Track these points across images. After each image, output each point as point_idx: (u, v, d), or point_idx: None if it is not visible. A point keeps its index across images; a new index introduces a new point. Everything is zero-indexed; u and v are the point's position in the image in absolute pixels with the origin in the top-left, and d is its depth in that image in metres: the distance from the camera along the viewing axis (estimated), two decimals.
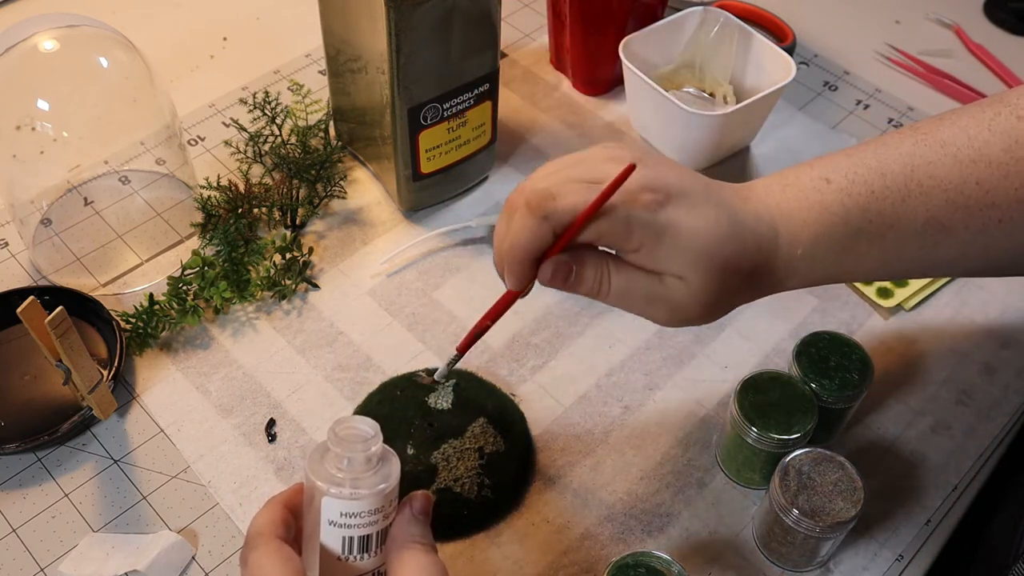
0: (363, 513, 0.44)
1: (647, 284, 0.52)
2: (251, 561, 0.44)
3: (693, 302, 0.52)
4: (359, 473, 0.44)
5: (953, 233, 0.54)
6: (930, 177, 0.53)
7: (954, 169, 0.53)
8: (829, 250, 0.54)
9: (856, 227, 0.53)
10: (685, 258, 0.51)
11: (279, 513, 0.46)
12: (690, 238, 0.50)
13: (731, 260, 0.52)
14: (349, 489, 0.43)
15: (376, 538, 0.45)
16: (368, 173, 0.86)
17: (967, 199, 0.53)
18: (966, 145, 0.54)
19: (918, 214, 0.53)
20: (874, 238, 0.54)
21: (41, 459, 0.68)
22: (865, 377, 0.65)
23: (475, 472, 0.65)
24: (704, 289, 0.51)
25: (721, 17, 0.87)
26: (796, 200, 0.54)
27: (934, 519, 0.66)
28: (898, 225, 0.54)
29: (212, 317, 0.75)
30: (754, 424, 0.62)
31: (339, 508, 0.43)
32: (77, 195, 0.83)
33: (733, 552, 0.64)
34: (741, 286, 0.53)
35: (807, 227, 0.54)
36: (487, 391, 0.70)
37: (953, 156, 0.54)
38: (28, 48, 0.71)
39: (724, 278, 0.52)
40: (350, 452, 0.44)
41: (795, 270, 0.54)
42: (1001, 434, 0.71)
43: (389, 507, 0.45)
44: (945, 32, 1.03)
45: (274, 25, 1.01)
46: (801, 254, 0.54)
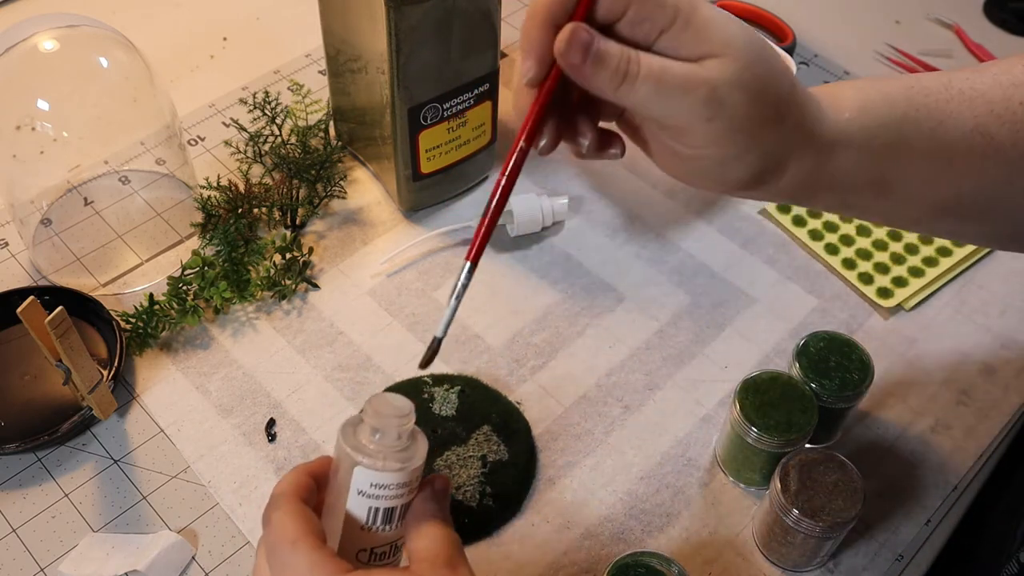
0: (392, 486, 0.45)
1: (683, 69, 0.44)
2: (274, 520, 0.45)
3: (734, 88, 0.44)
4: (392, 447, 0.45)
5: (1002, 149, 0.51)
6: (971, 88, 0.52)
7: (995, 88, 0.52)
8: (879, 127, 0.50)
9: (902, 111, 0.50)
10: (724, 33, 0.44)
11: (304, 479, 0.47)
12: (725, 19, 0.45)
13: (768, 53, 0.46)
14: (382, 461, 0.44)
15: (399, 512, 0.46)
16: (368, 173, 0.86)
17: (1013, 115, 0.51)
18: (1001, 72, 0.52)
19: (965, 118, 0.51)
20: (923, 130, 0.51)
21: (41, 459, 0.68)
22: (865, 377, 0.65)
23: (477, 480, 0.65)
24: (745, 69, 0.44)
25: None
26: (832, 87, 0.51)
27: (934, 519, 0.66)
28: (946, 122, 0.51)
29: (212, 317, 0.75)
30: (754, 424, 0.62)
31: (370, 479, 0.44)
32: (77, 195, 0.83)
33: (733, 552, 0.64)
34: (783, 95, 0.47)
35: (849, 100, 0.50)
36: (492, 398, 0.70)
37: (992, 78, 0.52)
38: (28, 48, 0.71)
39: (765, 69, 0.46)
40: (386, 426, 0.45)
41: (847, 136, 0.49)
42: (1001, 434, 0.71)
43: (415, 483, 0.46)
44: (945, 32, 1.03)
45: (274, 25, 1.01)
46: (849, 118, 0.49)
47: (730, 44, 0.44)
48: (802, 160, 0.49)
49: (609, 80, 0.44)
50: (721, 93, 0.44)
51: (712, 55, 0.44)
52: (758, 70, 0.45)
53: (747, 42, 0.45)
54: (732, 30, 0.45)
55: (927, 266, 0.80)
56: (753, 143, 0.46)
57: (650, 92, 0.44)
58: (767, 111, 0.46)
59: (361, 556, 0.46)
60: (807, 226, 0.82)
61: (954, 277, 0.80)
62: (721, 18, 0.45)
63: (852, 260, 0.80)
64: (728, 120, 0.45)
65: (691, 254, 0.81)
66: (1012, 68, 0.53)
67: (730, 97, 0.44)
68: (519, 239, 0.81)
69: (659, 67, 0.44)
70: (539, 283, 0.79)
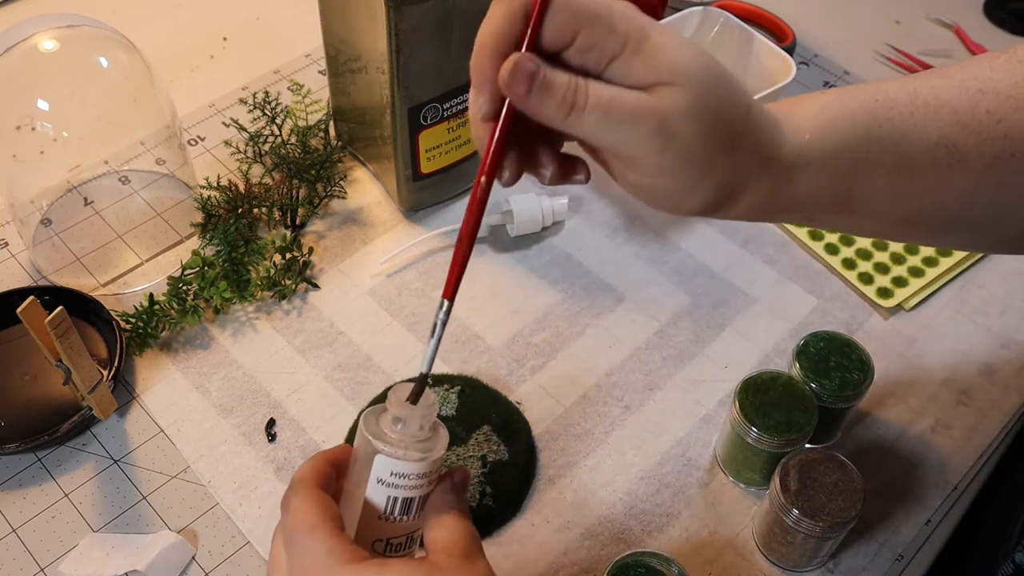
0: (412, 475, 0.45)
1: (632, 97, 0.43)
2: (293, 505, 0.45)
3: (686, 116, 0.43)
4: (413, 437, 0.45)
5: (967, 159, 0.50)
6: (936, 98, 0.51)
7: (962, 95, 0.51)
8: (841, 146, 0.49)
9: (865, 127, 0.49)
10: (675, 59, 0.43)
11: (323, 466, 0.47)
12: (678, 44, 0.44)
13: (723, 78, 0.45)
14: (403, 451, 0.45)
15: (417, 503, 0.46)
16: (368, 173, 0.86)
17: (979, 124, 0.50)
18: (969, 77, 0.51)
19: (929, 130, 0.50)
20: (886, 146, 0.49)
21: (41, 459, 0.68)
22: (865, 377, 0.65)
23: (477, 480, 0.65)
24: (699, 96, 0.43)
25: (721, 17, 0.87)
26: (796, 103, 0.50)
27: (934, 519, 0.66)
28: (909, 136, 0.50)
29: (212, 317, 0.75)
30: (754, 424, 0.62)
31: (390, 468, 0.45)
32: (77, 195, 0.83)
33: (733, 552, 0.64)
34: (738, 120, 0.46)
35: (811, 120, 0.49)
36: (492, 398, 0.70)
37: (959, 84, 0.51)
38: (28, 48, 0.71)
39: (723, 105, 0.44)
40: (408, 416, 0.45)
41: (807, 157, 0.48)
42: (1001, 434, 0.71)
43: (434, 475, 0.46)
44: (945, 32, 1.03)
45: (274, 25, 1.01)
46: (810, 140, 0.48)
47: (682, 71, 0.43)
48: (759, 184, 0.48)
49: (556, 110, 0.43)
50: (672, 124, 0.43)
51: (663, 83, 0.43)
52: (711, 99, 0.44)
53: (700, 69, 0.44)
54: (684, 56, 0.43)
55: (927, 266, 0.80)
56: (707, 173, 0.45)
57: (598, 122, 0.43)
58: (720, 141, 0.45)
59: (377, 546, 0.46)
60: (807, 226, 0.82)
61: (954, 277, 0.80)
62: (673, 43, 0.44)
63: (852, 260, 0.80)
64: (680, 151, 0.44)
65: (691, 254, 0.81)
66: (980, 72, 0.52)
67: (681, 127, 0.43)
68: (519, 239, 0.81)
69: (607, 97, 0.43)
70: (539, 283, 0.79)
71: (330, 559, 0.42)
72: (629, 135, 0.43)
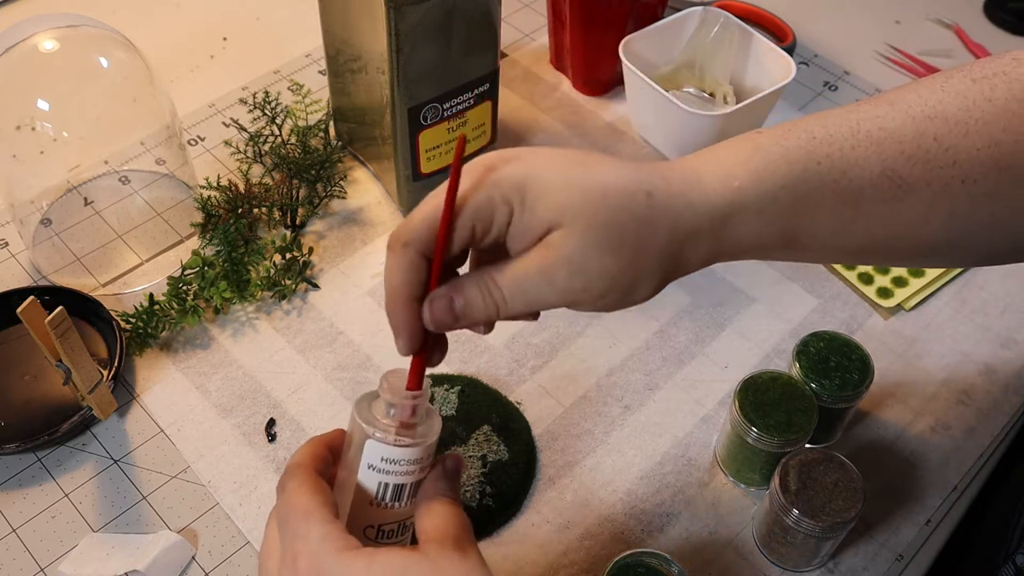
0: (403, 461, 0.45)
1: (535, 261, 0.45)
2: (289, 488, 0.45)
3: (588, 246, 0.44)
4: (405, 423, 0.45)
5: (914, 189, 0.49)
6: (880, 129, 0.49)
7: (907, 124, 0.49)
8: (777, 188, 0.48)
9: (802, 167, 0.48)
10: (555, 201, 0.44)
11: (320, 450, 0.47)
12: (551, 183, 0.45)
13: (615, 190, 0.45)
14: (394, 436, 0.45)
15: (409, 489, 0.46)
16: (368, 173, 0.86)
17: (926, 153, 0.48)
18: (917, 102, 0.49)
19: (872, 163, 0.48)
20: (826, 182, 0.48)
21: (41, 459, 0.68)
22: (865, 377, 0.65)
23: (477, 480, 0.65)
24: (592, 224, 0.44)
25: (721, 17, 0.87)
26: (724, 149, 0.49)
27: (934, 519, 0.66)
28: (850, 172, 0.48)
29: (212, 317, 0.75)
30: (754, 424, 0.62)
31: (381, 453, 0.45)
32: (77, 195, 0.83)
33: (733, 552, 0.64)
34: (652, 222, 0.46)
35: (741, 165, 0.48)
36: (492, 398, 0.70)
37: (904, 112, 0.49)
38: (28, 48, 0.71)
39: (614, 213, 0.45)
40: (400, 401, 0.45)
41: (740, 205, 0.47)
42: (1001, 434, 0.71)
43: (426, 461, 0.46)
44: (945, 32, 1.03)
45: (274, 25, 1.01)
46: (740, 186, 0.47)
47: (566, 209, 0.44)
48: (698, 245, 0.48)
49: (485, 318, 0.46)
50: (578, 261, 0.44)
51: (555, 227, 0.44)
52: (598, 218, 0.44)
53: (578, 197, 0.44)
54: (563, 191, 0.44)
55: None
56: (638, 272, 0.46)
57: (522, 302, 0.46)
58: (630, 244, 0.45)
59: (368, 532, 0.46)
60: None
61: (954, 277, 0.80)
62: (552, 182, 0.45)
63: None
64: (601, 275, 0.45)
65: None
66: (931, 95, 0.50)
67: (588, 258, 0.45)
68: None
69: (513, 275, 0.45)
70: None
71: (322, 545, 0.42)
72: (550, 295, 0.45)
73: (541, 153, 0.46)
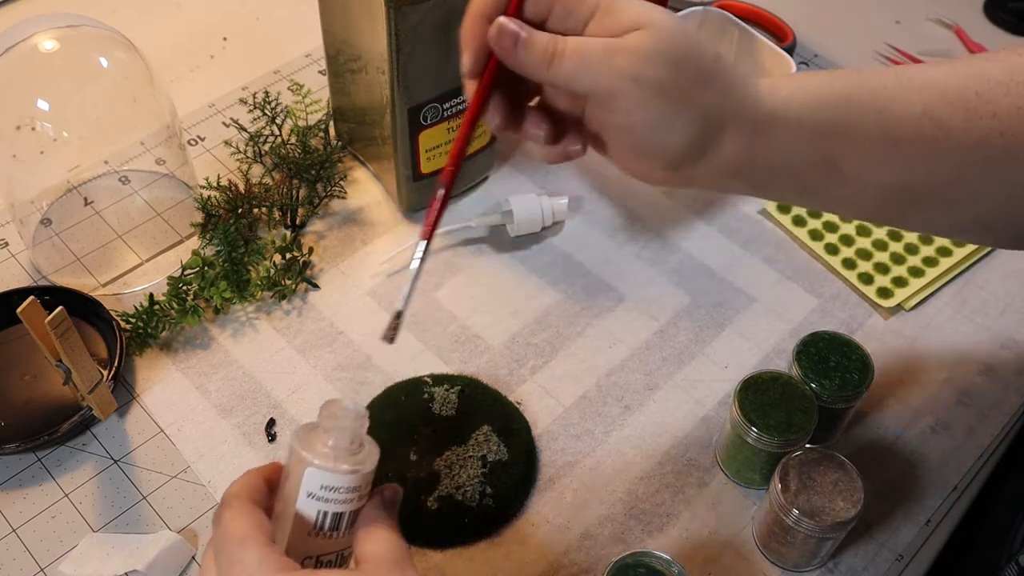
0: (342, 489, 0.45)
1: (605, 41, 0.47)
2: (224, 519, 0.45)
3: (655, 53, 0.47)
4: (344, 450, 0.46)
5: (953, 134, 0.51)
6: (922, 78, 0.51)
7: (951, 77, 0.51)
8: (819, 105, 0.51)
9: (845, 94, 0.51)
10: (642, 11, 0.48)
11: (257, 481, 0.47)
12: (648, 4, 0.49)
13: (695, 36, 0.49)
14: (332, 463, 0.45)
15: (348, 518, 0.46)
16: (368, 173, 0.86)
17: (966, 103, 0.51)
18: (962, 64, 0.52)
19: (913, 103, 0.51)
20: (867, 111, 0.51)
21: (41, 459, 0.68)
22: (865, 377, 0.65)
23: (477, 480, 0.65)
24: (667, 39, 0.47)
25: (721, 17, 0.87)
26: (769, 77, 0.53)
27: (934, 519, 0.66)
28: (892, 107, 0.51)
29: (212, 317, 0.75)
30: (754, 424, 0.62)
31: (320, 481, 0.45)
32: (77, 195, 0.83)
33: (733, 552, 0.64)
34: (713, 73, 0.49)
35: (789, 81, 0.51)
36: (492, 398, 0.70)
37: (949, 69, 0.52)
38: (28, 48, 0.71)
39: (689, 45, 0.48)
40: (338, 430, 0.46)
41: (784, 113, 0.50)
42: (1001, 434, 0.71)
43: (364, 489, 0.47)
44: (945, 32, 1.03)
45: (274, 25, 1.01)
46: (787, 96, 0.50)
47: (649, 19, 0.47)
48: (738, 132, 0.50)
49: (539, 63, 0.48)
50: (640, 57, 0.47)
51: (633, 29, 0.47)
52: (676, 40, 0.47)
53: (665, 18, 0.48)
54: (650, 10, 0.48)
55: (927, 266, 0.80)
56: (681, 105, 0.48)
57: (576, 67, 0.47)
58: (689, 74, 0.48)
59: (307, 563, 0.46)
60: (807, 226, 0.82)
61: (954, 277, 0.80)
62: (641, 4, 0.48)
63: (852, 260, 0.80)
64: (651, 83, 0.47)
65: (691, 254, 0.81)
66: (975, 61, 0.53)
67: (650, 61, 0.47)
68: (519, 239, 0.81)
69: (581, 44, 0.47)
70: (539, 283, 0.79)
71: (259, 568, 0.42)
72: (602, 72, 0.47)
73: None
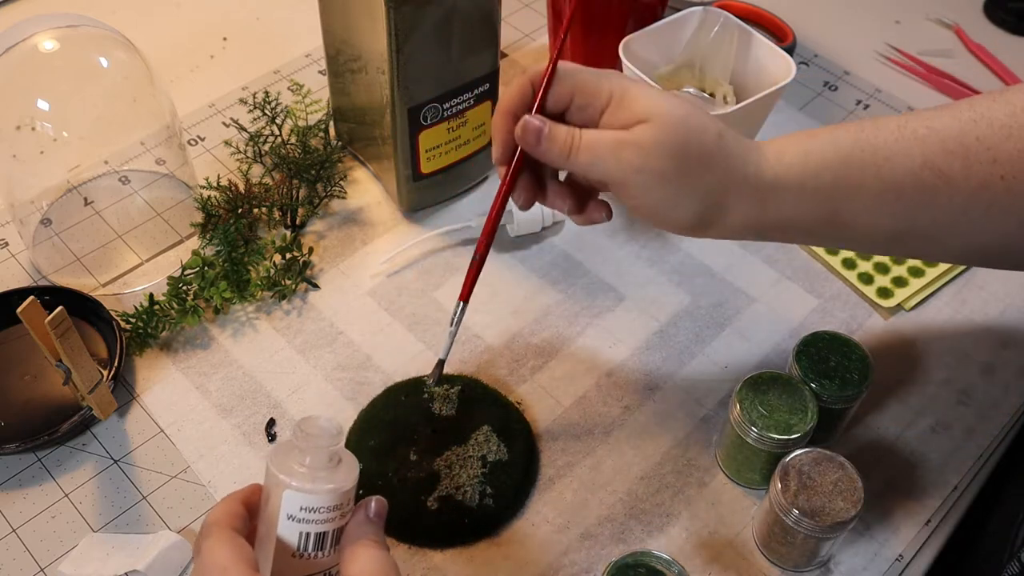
0: (321, 509, 0.45)
1: (614, 134, 0.53)
2: (204, 548, 0.45)
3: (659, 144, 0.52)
4: (321, 469, 0.45)
5: (953, 182, 0.53)
6: (925, 127, 0.54)
7: (951, 124, 0.53)
8: (822, 168, 0.54)
9: (847, 152, 0.54)
10: (649, 103, 0.53)
11: (236, 507, 0.47)
12: (653, 92, 0.54)
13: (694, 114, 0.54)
14: (310, 484, 0.44)
15: (331, 536, 0.46)
16: (368, 173, 0.86)
17: (967, 150, 0.52)
18: (966, 108, 0.54)
19: (914, 154, 0.53)
20: (867, 167, 0.54)
21: (41, 459, 0.68)
22: (865, 377, 0.65)
23: (477, 480, 0.65)
24: (670, 131, 0.53)
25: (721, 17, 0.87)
26: (788, 136, 0.56)
27: (934, 519, 0.66)
28: (893, 160, 0.53)
29: (212, 317, 0.75)
30: (754, 424, 0.62)
31: (299, 502, 0.44)
32: (77, 195, 0.83)
33: (733, 552, 0.64)
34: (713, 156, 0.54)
35: (793, 145, 0.55)
36: (492, 398, 0.70)
37: (952, 115, 0.54)
38: (28, 48, 0.71)
39: (690, 133, 0.53)
40: (314, 449, 0.45)
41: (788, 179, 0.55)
42: (1001, 434, 0.71)
43: (346, 507, 0.46)
44: (945, 32, 1.03)
45: (274, 25, 1.01)
46: (790, 162, 0.55)
47: (654, 112, 0.53)
48: (742, 202, 0.55)
49: (558, 154, 0.54)
50: (645, 150, 0.53)
51: (639, 122, 0.53)
52: (678, 128, 0.53)
53: (669, 109, 0.53)
54: (656, 102, 0.53)
55: (927, 266, 0.80)
56: (684, 188, 0.54)
57: (589, 158, 0.54)
58: (691, 160, 0.53)
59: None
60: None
61: (954, 277, 0.80)
62: (650, 94, 0.54)
63: (852, 260, 0.80)
64: (656, 172, 0.53)
65: (691, 254, 0.81)
66: (979, 103, 0.54)
67: (653, 154, 0.53)
68: (519, 239, 0.81)
69: (595, 138, 0.54)
70: (539, 283, 0.79)
71: None
72: (612, 165, 0.53)
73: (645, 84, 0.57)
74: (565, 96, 0.55)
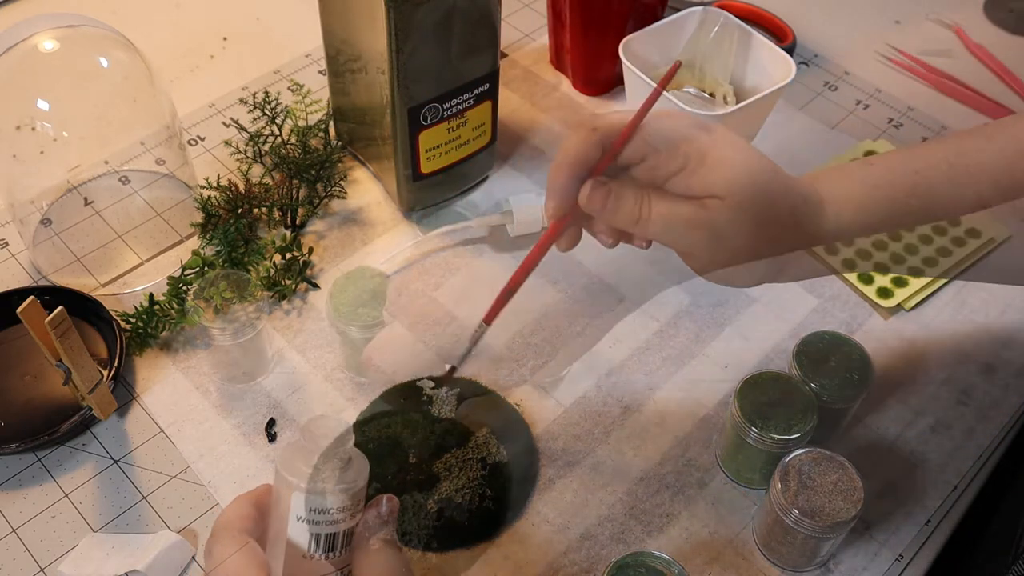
0: (331, 510, 0.44)
1: (689, 208, 0.51)
2: (216, 553, 0.44)
3: (733, 224, 0.51)
4: (330, 470, 0.45)
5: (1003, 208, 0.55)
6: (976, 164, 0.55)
7: (1000, 159, 0.55)
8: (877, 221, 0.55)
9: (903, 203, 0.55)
10: (726, 176, 0.51)
11: (246, 509, 0.47)
12: (732, 161, 0.51)
13: (771, 187, 0.52)
14: (319, 485, 0.44)
15: (342, 537, 0.45)
16: (368, 173, 0.86)
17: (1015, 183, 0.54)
18: (1012, 139, 0.55)
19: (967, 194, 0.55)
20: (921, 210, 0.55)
21: (41, 459, 0.68)
22: (865, 377, 0.65)
23: (477, 482, 0.65)
24: (744, 208, 0.51)
25: (721, 17, 0.87)
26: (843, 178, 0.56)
27: (934, 519, 0.66)
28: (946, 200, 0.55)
29: (212, 317, 0.75)
30: (754, 424, 0.62)
31: (308, 504, 0.44)
32: (77, 195, 0.83)
33: (733, 552, 0.64)
34: (783, 218, 0.53)
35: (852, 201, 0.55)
36: (491, 401, 0.70)
37: (999, 148, 0.55)
38: (28, 48, 0.71)
39: (764, 203, 0.52)
40: (322, 450, 0.45)
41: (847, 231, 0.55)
42: (1001, 434, 0.71)
43: (356, 507, 0.46)
44: (945, 32, 1.03)
45: (274, 25, 1.01)
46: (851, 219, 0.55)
47: (733, 185, 0.51)
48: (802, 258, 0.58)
49: (626, 221, 0.52)
50: (719, 229, 0.51)
51: (716, 196, 0.51)
52: (755, 208, 0.52)
53: (748, 183, 0.51)
54: (737, 171, 0.51)
55: (927, 266, 0.80)
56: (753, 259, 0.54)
57: (661, 229, 0.52)
58: (763, 238, 0.53)
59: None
60: None
61: (954, 277, 0.80)
62: (729, 160, 0.51)
63: (852, 261, 0.80)
64: (727, 249, 0.53)
65: None
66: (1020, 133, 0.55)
67: (728, 232, 0.52)
68: (519, 239, 0.81)
69: (667, 210, 0.52)
70: (539, 283, 0.79)
71: None
72: (684, 238, 0.53)
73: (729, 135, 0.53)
74: (637, 155, 0.52)
